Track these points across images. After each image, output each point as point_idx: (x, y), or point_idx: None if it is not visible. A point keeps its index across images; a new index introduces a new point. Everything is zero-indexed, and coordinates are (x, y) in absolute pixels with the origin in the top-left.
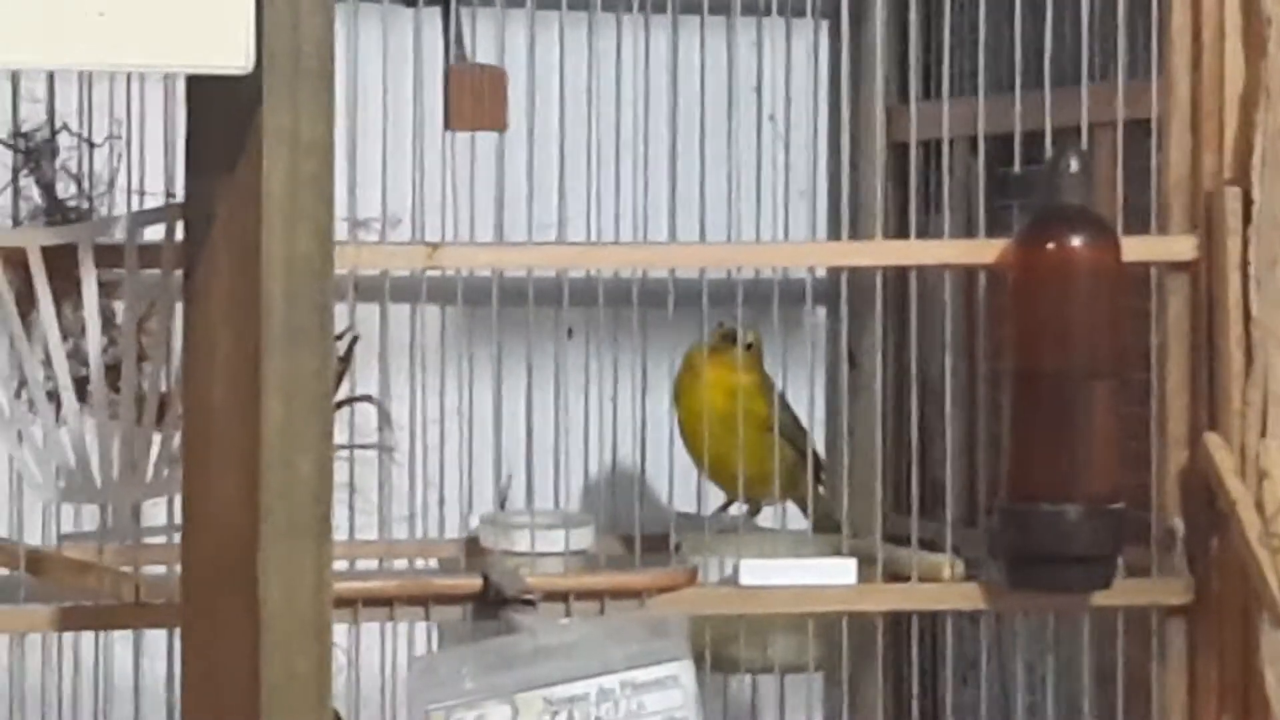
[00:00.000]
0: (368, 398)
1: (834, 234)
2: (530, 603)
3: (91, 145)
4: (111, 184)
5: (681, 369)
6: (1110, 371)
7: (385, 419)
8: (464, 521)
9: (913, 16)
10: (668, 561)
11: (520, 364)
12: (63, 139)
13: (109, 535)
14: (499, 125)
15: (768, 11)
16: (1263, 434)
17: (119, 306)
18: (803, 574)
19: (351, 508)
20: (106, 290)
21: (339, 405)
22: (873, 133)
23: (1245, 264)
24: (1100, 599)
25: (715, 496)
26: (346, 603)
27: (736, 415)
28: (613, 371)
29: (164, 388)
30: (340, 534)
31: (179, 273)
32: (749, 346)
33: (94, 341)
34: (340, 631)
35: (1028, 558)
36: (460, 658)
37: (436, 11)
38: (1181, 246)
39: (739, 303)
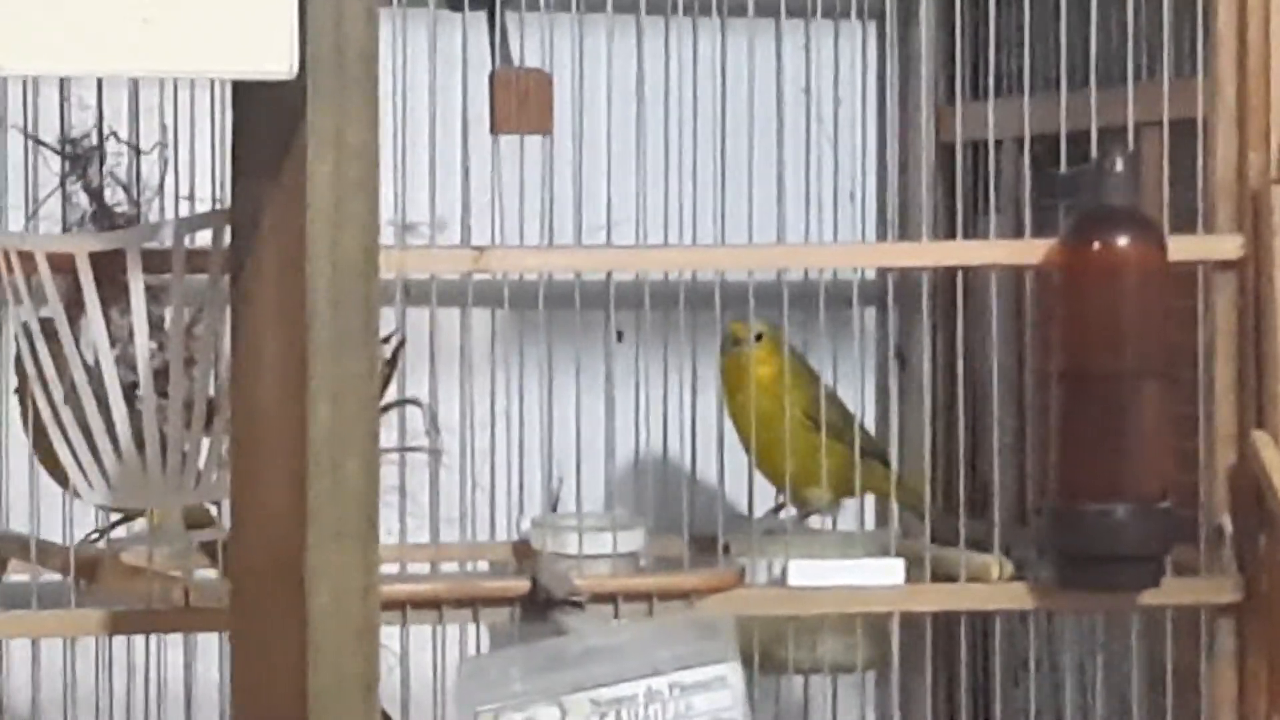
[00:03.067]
0: (415, 401)
1: (882, 235)
2: (578, 604)
3: (139, 151)
4: (159, 189)
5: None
6: (1157, 370)
7: (433, 422)
8: (513, 524)
9: (959, 17)
10: (716, 563)
11: (569, 367)
12: (111, 145)
13: (158, 539)
14: (544, 129)
15: (815, 13)
16: None
17: (167, 311)
18: (851, 574)
19: (401, 511)
20: (154, 295)
21: (386, 408)
22: (920, 134)
23: None
24: (1149, 598)
25: (765, 498)
26: (396, 605)
27: (766, 411)
28: (661, 374)
29: (212, 392)
30: (391, 537)
31: (226, 277)
32: (759, 337)
33: (142, 346)
34: (390, 634)
35: (1076, 557)
36: (509, 659)
37: (482, 16)
38: (1227, 245)
39: (785, 304)
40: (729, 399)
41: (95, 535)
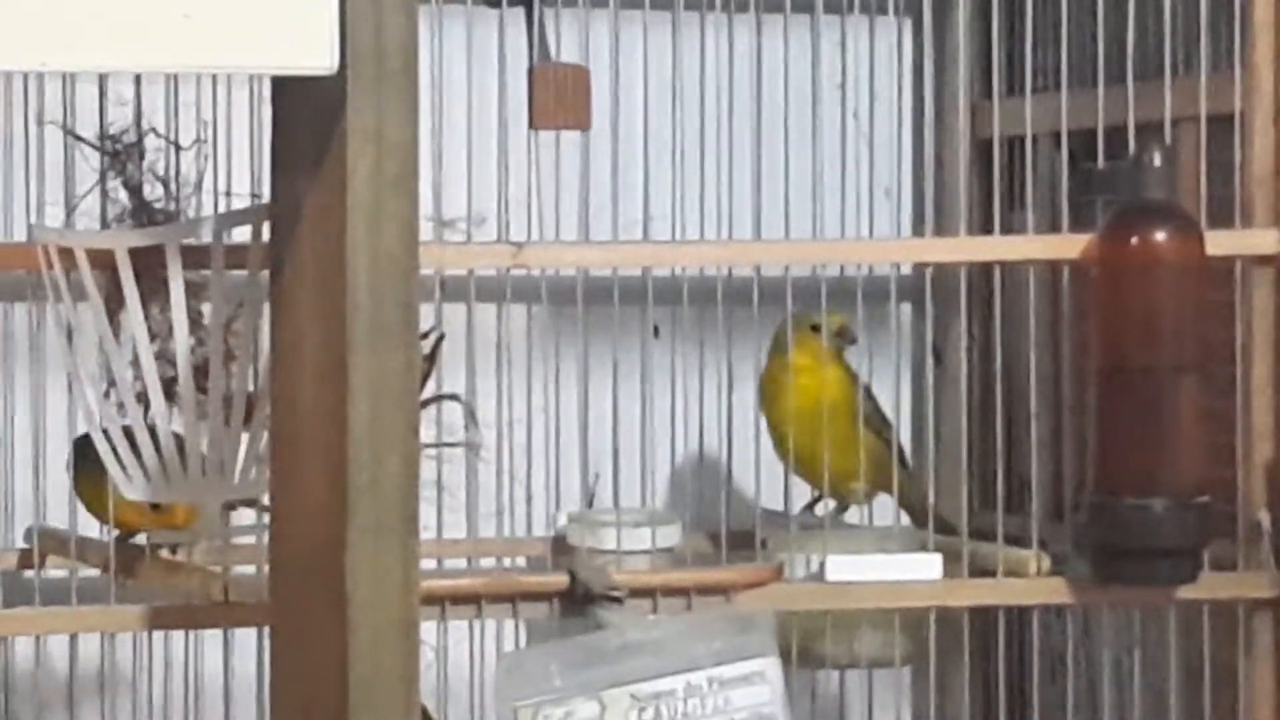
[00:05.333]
0: (454, 396)
1: (918, 230)
2: (617, 599)
3: (178, 147)
4: (198, 185)
5: (768, 364)
6: (1195, 365)
7: (471, 417)
8: (551, 519)
9: (995, 12)
10: (754, 558)
11: (606, 362)
12: (150, 141)
13: (198, 535)
14: (582, 124)
15: (851, 9)
16: None
17: (206, 307)
18: (889, 569)
19: (439, 506)
20: (193, 291)
21: (425, 404)
22: (956, 129)
23: None
24: (1186, 593)
25: (801, 493)
26: (434, 600)
27: (823, 407)
28: (698, 369)
29: (251, 388)
30: (428, 532)
31: (265, 273)
32: (819, 331)
33: (181, 342)
34: (428, 629)
35: (1114, 552)
36: (548, 655)
37: (520, 11)
38: (1265, 240)
39: (823, 299)
40: (769, 401)
41: None
